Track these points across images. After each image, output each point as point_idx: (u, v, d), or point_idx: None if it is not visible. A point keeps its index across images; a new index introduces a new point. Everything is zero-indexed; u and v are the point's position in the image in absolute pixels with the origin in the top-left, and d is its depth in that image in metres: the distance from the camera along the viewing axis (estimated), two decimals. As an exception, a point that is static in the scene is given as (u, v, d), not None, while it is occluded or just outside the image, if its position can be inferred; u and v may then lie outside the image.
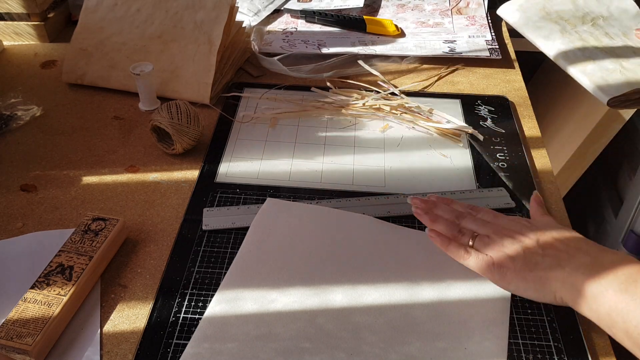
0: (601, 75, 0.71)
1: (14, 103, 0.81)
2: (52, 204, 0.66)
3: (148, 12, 0.85)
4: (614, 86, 0.70)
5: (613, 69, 0.72)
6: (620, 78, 0.71)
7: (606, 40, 0.77)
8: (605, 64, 0.73)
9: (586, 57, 0.75)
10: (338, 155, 0.73)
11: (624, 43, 0.78)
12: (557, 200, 0.68)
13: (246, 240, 0.61)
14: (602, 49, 0.76)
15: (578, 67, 0.73)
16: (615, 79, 0.70)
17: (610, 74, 0.71)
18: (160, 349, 0.51)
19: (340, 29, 0.99)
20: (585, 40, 0.77)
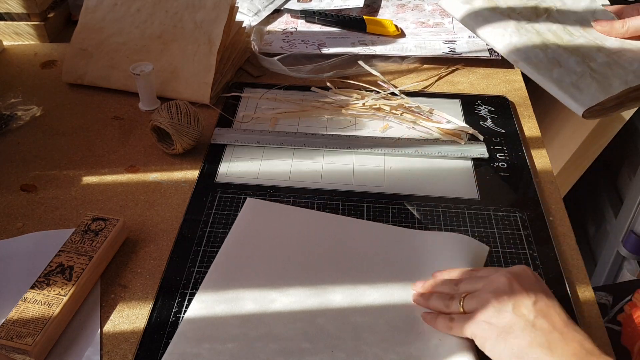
0: (570, 80, 0.63)
1: (14, 103, 0.81)
2: (52, 204, 0.66)
3: (148, 12, 0.85)
4: (587, 94, 0.61)
5: (582, 72, 0.63)
6: (592, 83, 0.62)
7: (567, 36, 0.68)
8: (572, 66, 0.64)
9: (550, 59, 0.65)
10: (338, 155, 0.73)
11: (586, 39, 0.68)
12: (557, 200, 0.68)
13: (226, 242, 0.60)
14: (565, 47, 0.67)
15: (544, 72, 0.64)
16: (586, 85, 0.62)
17: (580, 79, 0.63)
18: (160, 348, 0.51)
19: (340, 29, 0.99)
20: (544, 37, 0.67)
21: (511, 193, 0.68)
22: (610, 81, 0.62)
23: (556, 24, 0.70)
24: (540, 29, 0.68)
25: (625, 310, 0.74)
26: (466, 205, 0.66)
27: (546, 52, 0.66)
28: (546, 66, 0.65)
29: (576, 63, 0.65)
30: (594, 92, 0.61)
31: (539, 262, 0.60)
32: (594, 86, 0.62)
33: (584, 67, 0.64)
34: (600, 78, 0.63)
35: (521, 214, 0.65)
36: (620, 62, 0.65)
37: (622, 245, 1.11)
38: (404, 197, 0.67)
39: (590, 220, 1.32)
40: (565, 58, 0.65)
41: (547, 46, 0.67)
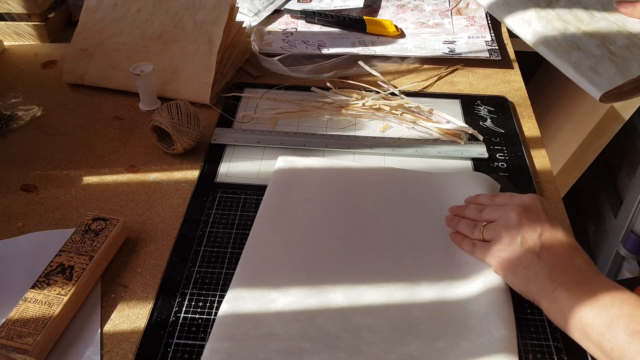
0: (589, 64, 0.63)
1: (15, 103, 0.81)
2: (52, 203, 0.66)
3: (148, 12, 0.85)
4: (606, 78, 0.62)
5: (601, 56, 0.63)
6: (611, 67, 0.62)
7: (587, 18, 0.67)
8: (592, 49, 0.64)
9: (569, 42, 0.65)
10: (338, 156, 0.73)
11: (608, 22, 0.67)
12: (556, 200, 0.68)
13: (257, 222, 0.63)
14: (585, 30, 0.66)
15: (562, 55, 0.64)
16: (605, 69, 0.62)
17: (599, 63, 0.62)
18: (161, 348, 0.52)
19: (340, 30, 0.99)
20: (564, 20, 0.66)
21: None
22: (629, 64, 0.63)
23: (577, 7, 0.69)
24: (561, 12, 0.67)
25: None
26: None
27: (565, 35, 0.66)
28: (565, 49, 0.65)
29: (596, 46, 0.64)
30: (612, 76, 0.61)
31: (538, 262, 0.60)
32: (613, 70, 0.62)
33: (604, 50, 0.64)
34: (619, 61, 0.63)
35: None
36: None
37: (621, 245, 1.11)
38: (404, 197, 0.67)
39: (589, 220, 1.32)
40: (585, 41, 0.65)
41: (567, 29, 0.66)
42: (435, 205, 0.65)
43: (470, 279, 0.57)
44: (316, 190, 0.66)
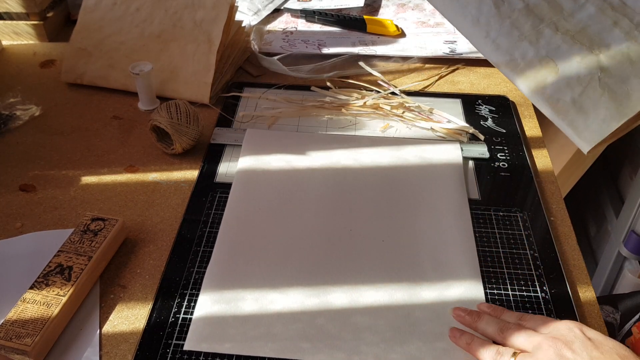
0: (572, 97, 0.43)
1: (13, 103, 0.81)
2: (51, 204, 0.66)
3: (147, 12, 0.84)
4: (595, 118, 0.43)
5: (588, 78, 0.43)
6: (602, 96, 0.43)
7: (570, 3, 0.44)
8: (573, 67, 0.43)
9: (541, 57, 0.44)
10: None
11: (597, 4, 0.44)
12: (558, 200, 0.68)
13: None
14: (568, 30, 0.44)
15: (534, 86, 0.44)
16: (594, 102, 0.42)
17: (585, 92, 0.42)
18: (160, 349, 0.51)
19: (340, 29, 0.98)
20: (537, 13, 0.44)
21: (512, 193, 0.68)
22: (627, 87, 0.42)
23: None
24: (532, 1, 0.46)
25: (633, 333, 0.72)
26: (467, 205, 0.66)
27: (537, 45, 0.46)
28: (538, 73, 0.46)
29: (580, 59, 0.44)
30: (604, 116, 0.43)
31: (539, 262, 0.60)
32: (604, 102, 0.43)
33: (591, 66, 0.43)
34: (613, 82, 0.42)
35: (522, 214, 0.65)
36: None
37: (623, 245, 1.11)
38: (405, 197, 0.67)
39: (591, 221, 1.31)
40: (565, 52, 0.44)
41: (539, 33, 0.45)
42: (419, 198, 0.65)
43: (469, 279, 0.56)
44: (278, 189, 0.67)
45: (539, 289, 0.57)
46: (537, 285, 0.57)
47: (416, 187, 0.66)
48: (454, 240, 0.60)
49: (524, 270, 0.59)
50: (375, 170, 0.68)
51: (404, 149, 0.71)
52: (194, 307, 0.55)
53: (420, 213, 0.63)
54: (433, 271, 0.58)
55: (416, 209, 0.64)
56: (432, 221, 0.62)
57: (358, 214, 0.63)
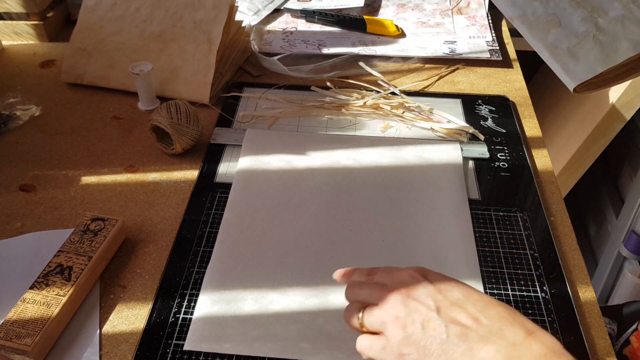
0: (567, 46, 0.51)
1: (13, 103, 0.81)
2: (51, 204, 0.66)
3: (147, 12, 0.84)
4: (584, 65, 0.51)
5: (584, 34, 0.51)
6: (593, 49, 0.50)
7: None
8: (574, 25, 0.51)
9: (549, 16, 0.52)
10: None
11: None
12: (558, 200, 0.68)
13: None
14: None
15: (539, 35, 0.52)
16: (585, 52, 0.50)
17: (579, 44, 0.50)
18: (160, 349, 0.51)
19: (340, 29, 0.98)
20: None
21: (512, 193, 0.68)
22: (617, 44, 0.51)
23: None
24: None
25: (631, 342, 0.72)
26: (467, 205, 0.66)
27: (547, 5, 0.53)
28: (543, 26, 0.54)
29: (581, 20, 0.52)
30: (592, 62, 0.51)
31: (539, 262, 0.60)
32: (594, 53, 0.51)
33: (589, 26, 0.52)
34: (606, 40, 0.51)
35: (522, 214, 0.65)
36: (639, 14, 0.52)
37: (623, 245, 1.11)
38: (405, 197, 0.67)
39: (591, 221, 1.31)
40: (569, 13, 0.52)
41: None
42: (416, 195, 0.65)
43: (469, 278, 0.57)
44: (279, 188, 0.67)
45: (539, 289, 0.57)
46: (537, 285, 0.57)
47: (416, 187, 0.66)
48: (453, 240, 0.61)
49: (524, 270, 0.59)
50: (375, 170, 0.68)
51: (404, 149, 0.71)
52: (194, 307, 0.55)
53: (419, 213, 0.63)
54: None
55: (416, 209, 0.64)
56: (432, 221, 0.63)
57: (358, 214, 0.63)
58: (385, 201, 0.65)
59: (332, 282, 0.56)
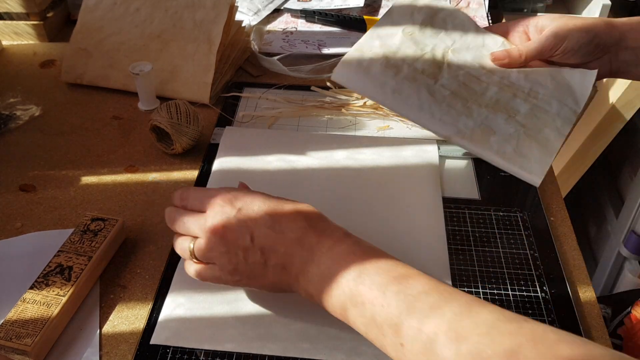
0: (512, 148, 0.56)
1: (13, 103, 0.81)
2: (51, 204, 0.66)
3: (147, 12, 0.84)
4: (535, 160, 0.57)
5: (516, 134, 0.57)
6: (532, 145, 0.57)
7: (477, 86, 0.61)
8: (504, 128, 0.58)
9: (480, 125, 0.57)
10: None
11: (497, 84, 0.61)
12: (558, 200, 0.68)
13: None
14: (486, 104, 0.60)
15: (483, 145, 0.57)
16: (528, 149, 0.56)
17: (519, 143, 0.56)
18: (160, 349, 0.51)
19: (340, 29, 0.98)
20: (461, 96, 0.59)
21: (512, 193, 0.68)
22: (545, 134, 0.59)
23: (462, 73, 0.63)
24: (452, 87, 0.62)
25: (625, 323, 0.73)
26: (466, 205, 0.66)
27: (473, 118, 0.60)
28: (482, 137, 0.59)
29: (505, 122, 0.59)
30: (539, 156, 0.57)
31: (539, 262, 0.60)
32: (535, 147, 0.58)
33: (515, 125, 0.59)
34: (534, 133, 0.59)
35: (522, 214, 0.65)
36: (540, 104, 0.61)
37: (623, 245, 1.11)
38: (405, 197, 0.67)
39: (591, 221, 1.31)
40: (493, 119, 0.60)
41: (470, 109, 0.60)
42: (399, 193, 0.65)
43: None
44: None
45: (539, 289, 0.57)
46: (537, 285, 0.57)
47: (390, 187, 0.66)
48: (424, 238, 0.60)
49: (524, 270, 0.59)
50: (351, 170, 0.68)
51: (381, 149, 0.71)
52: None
53: (392, 212, 0.63)
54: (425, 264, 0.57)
55: (388, 208, 0.64)
56: (404, 220, 0.62)
57: (333, 212, 0.62)
58: (361, 200, 0.64)
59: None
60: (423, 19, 0.66)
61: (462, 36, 0.65)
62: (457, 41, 0.64)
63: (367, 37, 0.63)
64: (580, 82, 0.61)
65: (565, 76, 0.62)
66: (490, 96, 0.60)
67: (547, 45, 0.59)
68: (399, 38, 0.63)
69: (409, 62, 0.61)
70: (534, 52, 0.61)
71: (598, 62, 0.60)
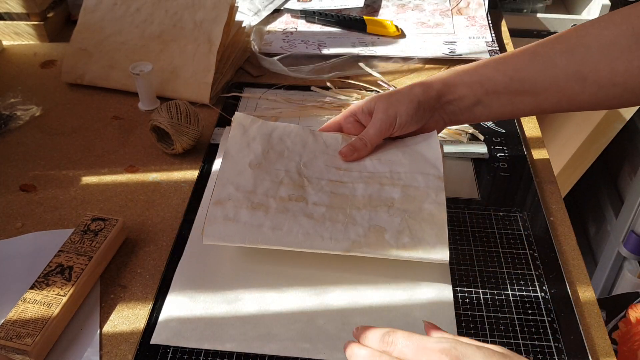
0: (408, 237, 0.55)
1: (14, 103, 0.81)
2: (51, 204, 0.66)
3: (147, 12, 0.84)
4: (428, 242, 0.55)
5: (404, 222, 0.56)
6: (422, 226, 0.56)
7: (345, 190, 0.58)
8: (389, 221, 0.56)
9: (372, 229, 0.55)
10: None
11: (360, 180, 0.59)
12: (557, 200, 0.68)
13: None
14: (364, 204, 0.57)
15: (383, 245, 0.54)
16: (422, 232, 0.55)
17: (411, 230, 0.55)
18: (160, 349, 0.51)
19: (340, 30, 0.99)
20: (338, 207, 0.57)
21: (512, 193, 0.68)
22: (428, 210, 0.57)
23: (324, 184, 0.59)
24: (324, 201, 0.58)
25: (620, 327, 0.73)
26: (466, 205, 0.66)
27: (357, 223, 0.56)
28: (376, 239, 0.55)
29: (388, 215, 0.57)
30: (435, 233, 0.55)
31: (539, 262, 0.60)
32: (426, 227, 0.56)
33: (399, 214, 0.57)
34: (418, 214, 0.57)
35: (521, 214, 0.65)
36: (407, 183, 0.59)
37: (622, 245, 1.11)
38: (404, 197, 0.67)
39: (590, 221, 1.31)
40: (376, 217, 0.56)
41: (352, 216, 0.56)
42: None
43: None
44: None
45: (539, 288, 0.57)
46: (537, 285, 0.57)
47: None
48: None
49: (524, 270, 0.59)
50: None
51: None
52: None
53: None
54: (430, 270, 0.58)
55: None
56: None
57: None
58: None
59: (331, 281, 0.57)
60: (262, 146, 0.62)
61: (304, 147, 0.63)
62: (303, 154, 0.62)
63: (219, 186, 0.58)
64: (427, 147, 0.62)
65: (412, 148, 0.62)
66: (362, 195, 0.58)
67: (384, 127, 0.60)
68: (250, 174, 0.59)
69: (272, 195, 0.58)
70: (375, 137, 0.61)
71: (432, 121, 0.62)
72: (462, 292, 0.57)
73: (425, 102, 0.60)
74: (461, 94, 0.60)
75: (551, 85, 0.56)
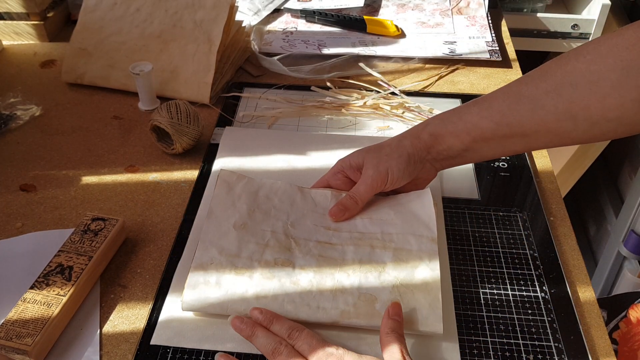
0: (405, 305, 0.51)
1: (14, 103, 0.81)
2: (51, 203, 0.66)
3: (147, 12, 0.84)
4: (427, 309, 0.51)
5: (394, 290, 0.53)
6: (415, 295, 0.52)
7: (334, 253, 0.56)
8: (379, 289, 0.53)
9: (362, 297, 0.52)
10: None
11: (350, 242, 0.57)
12: (557, 200, 0.68)
13: None
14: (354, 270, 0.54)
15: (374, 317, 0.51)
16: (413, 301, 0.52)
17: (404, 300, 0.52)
18: (160, 349, 0.51)
19: (340, 29, 0.99)
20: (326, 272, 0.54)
21: (512, 193, 0.68)
22: (421, 277, 0.54)
23: (312, 245, 0.57)
24: (312, 265, 0.55)
25: (620, 327, 0.73)
26: (466, 205, 0.66)
27: (347, 291, 0.53)
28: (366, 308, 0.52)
29: (379, 281, 0.54)
30: (429, 303, 0.52)
31: (539, 262, 0.60)
32: (419, 297, 0.53)
33: (390, 281, 0.54)
34: (411, 281, 0.54)
35: (522, 214, 0.65)
36: (399, 246, 0.56)
37: (622, 245, 1.11)
38: (404, 197, 0.67)
39: (590, 220, 1.32)
40: (366, 284, 0.53)
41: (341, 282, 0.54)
42: None
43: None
44: None
45: (539, 288, 0.57)
46: (537, 285, 0.57)
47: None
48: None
49: (524, 270, 0.59)
50: None
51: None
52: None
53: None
54: None
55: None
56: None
57: None
58: None
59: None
60: (248, 205, 0.59)
61: (292, 205, 0.60)
62: (290, 213, 0.59)
63: (201, 249, 0.55)
64: (420, 206, 0.59)
65: (405, 206, 0.60)
66: (352, 259, 0.55)
67: (375, 184, 0.58)
68: (234, 236, 0.56)
69: (257, 259, 0.55)
70: (366, 195, 0.59)
71: (424, 171, 0.60)
72: (462, 292, 0.57)
73: (415, 154, 0.58)
74: (449, 144, 0.58)
75: (540, 126, 0.53)
